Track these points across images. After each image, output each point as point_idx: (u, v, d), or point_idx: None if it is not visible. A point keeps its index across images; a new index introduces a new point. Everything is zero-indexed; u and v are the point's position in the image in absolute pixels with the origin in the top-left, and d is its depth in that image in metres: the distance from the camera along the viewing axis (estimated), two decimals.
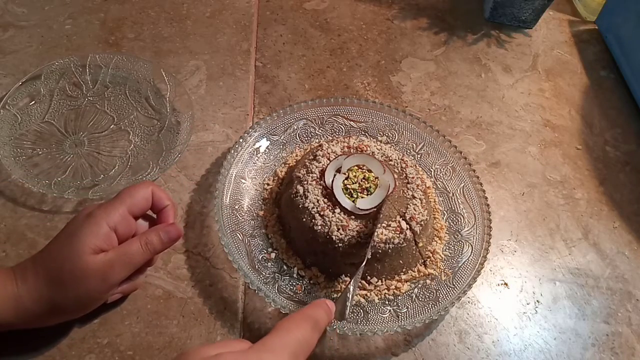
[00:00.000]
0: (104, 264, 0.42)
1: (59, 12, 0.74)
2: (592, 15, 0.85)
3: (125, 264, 0.44)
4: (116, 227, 0.44)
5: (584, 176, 0.66)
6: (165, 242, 0.46)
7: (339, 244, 0.49)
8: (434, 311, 0.49)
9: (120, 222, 0.44)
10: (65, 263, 0.42)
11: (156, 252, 0.46)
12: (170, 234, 0.46)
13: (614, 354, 0.52)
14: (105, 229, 0.43)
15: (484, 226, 0.55)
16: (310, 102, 0.63)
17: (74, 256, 0.41)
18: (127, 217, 0.45)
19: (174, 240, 0.47)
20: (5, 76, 0.66)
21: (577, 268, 0.58)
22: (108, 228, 0.43)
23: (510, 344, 0.52)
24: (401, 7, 0.83)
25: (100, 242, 0.42)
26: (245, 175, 0.58)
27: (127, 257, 0.44)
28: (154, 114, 0.64)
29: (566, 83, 0.77)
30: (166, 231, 0.46)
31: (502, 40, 0.81)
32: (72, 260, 0.41)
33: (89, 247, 0.42)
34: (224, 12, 0.78)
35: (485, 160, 0.66)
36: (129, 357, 0.47)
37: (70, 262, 0.41)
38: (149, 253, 0.45)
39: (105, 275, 0.43)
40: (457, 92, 0.73)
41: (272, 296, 0.48)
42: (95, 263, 0.42)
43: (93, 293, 0.43)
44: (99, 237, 0.42)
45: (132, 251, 0.44)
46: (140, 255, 0.44)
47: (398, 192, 0.53)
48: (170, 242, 0.47)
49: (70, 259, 0.41)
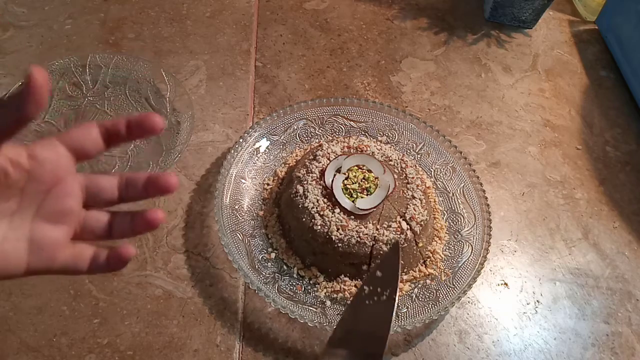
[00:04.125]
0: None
1: (59, 12, 0.74)
2: (592, 15, 0.85)
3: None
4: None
5: (584, 176, 0.66)
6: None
7: (338, 244, 0.49)
8: (434, 311, 0.49)
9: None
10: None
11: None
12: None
13: (614, 354, 0.52)
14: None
15: (484, 226, 0.55)
16: (310, 102, 0.63)
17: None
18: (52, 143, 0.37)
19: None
20: (5, 76, 0.66)
21: (577, 268, 0.58)
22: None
23: (510, 344, 0.52)
24: (401, 7, 0.83)
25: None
26: (245, 175, 0.58)
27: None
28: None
29: (566, 83, 0.77)
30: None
31: (502, 40, 0.81)
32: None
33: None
34: (224, 12, 0.78)
35: (485, 160, 0.66)
36: (129, 357, 0.47)
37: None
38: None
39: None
40: (457, 92, 0.73)
41: (272, 296, 0.48)
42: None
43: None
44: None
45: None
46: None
47: (398, 192, 0.53)
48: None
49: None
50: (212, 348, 0.48)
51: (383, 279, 0.45)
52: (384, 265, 0.46)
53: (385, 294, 0.44)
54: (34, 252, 0.37)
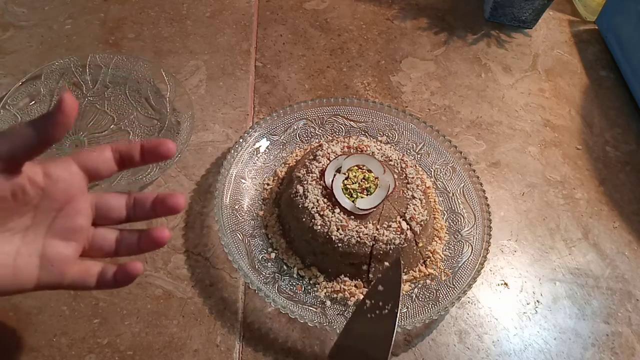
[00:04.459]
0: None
1: (59, 12, 0.74)
2: (592, 15, 0.85)
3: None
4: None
5: (584, 176, 0.66)
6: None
7: (338, 244, 0.49)
8: (434, 311, 0.49)
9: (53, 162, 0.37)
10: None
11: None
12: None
13: (614, 354, 0.52)
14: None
15: (484, 226, 0.55)
16: (310, 102, 0.63)
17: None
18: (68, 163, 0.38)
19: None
20: (5, 76, 0.66)
21: (577, 268, 0.58)
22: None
23: (510, 344, 0.52)
24: (401, 7, 0.83)
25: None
26: (245, 175, 0.58)
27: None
28: (154, 114, 0.64)
29: (566, 83, 0.77)
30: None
31: (502, 40, 0.81)
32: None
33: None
34: (224, 12, 0.78)
35: (485, 160, 0.66)
36: (129, 357, 0.47)
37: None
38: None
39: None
40: (457, 92, 0.73)
41: (272, 296, 0.48)
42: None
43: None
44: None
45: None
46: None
47: (398, 192, 0.53)
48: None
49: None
50: (212, 348, 0.48)
51: (385, 293, 0.45)
52: (385, 280, 0.45)
53: (387, 308, 0.44)
54: (45, 267, 0.38)
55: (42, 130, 0.34)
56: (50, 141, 0.35)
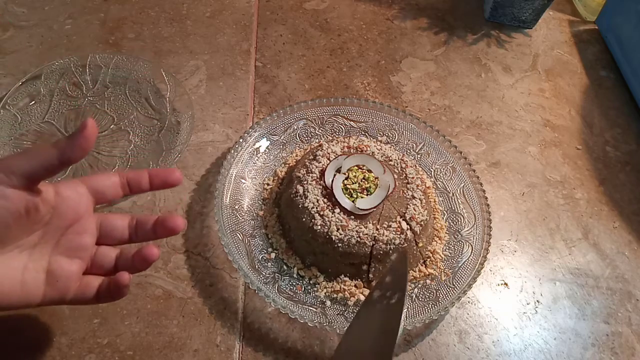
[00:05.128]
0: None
1: (59, 12, 0.74)
2: (592, 15, 0.85)
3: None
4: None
5: (584, 176, 0.66)
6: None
7: (338, 244, 0.49)
8: (434, 311, 0.49)
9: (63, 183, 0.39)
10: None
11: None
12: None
13: (614, 354, 0.52)
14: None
15: (484, 226, 0.55)
16: (310, 102, 0.63)
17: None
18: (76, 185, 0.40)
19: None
20: (5, 76, 0.66)
21: (577, 268, 0.58)
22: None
23: (510, 344, 0.52)
24: (401, 7, 0.83)
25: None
26: (245, 175, 0.58)
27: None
28: (154, 114, 0.64)
29: (566, 83, 0.77)
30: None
31: (502, 40, 0.81)
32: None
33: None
34: (224, 12, 0.78)
35: (485, 160, 0.66)
36: (129, 357, 0.47)
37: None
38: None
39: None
40: (457, 92, 0.73)
41: (272, 296, 0.48)
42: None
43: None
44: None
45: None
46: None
47: (398, 192, 0.53)
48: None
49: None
50: (212, 348, 0.48)
51: (392, 283, 0.45)
52: (392, 272, 0.46)
53: (394, 298, 0.44)
54: (51, 283, 0.39)
55: (63, 151, 0.36)
56: (69, 162, 0.37)
